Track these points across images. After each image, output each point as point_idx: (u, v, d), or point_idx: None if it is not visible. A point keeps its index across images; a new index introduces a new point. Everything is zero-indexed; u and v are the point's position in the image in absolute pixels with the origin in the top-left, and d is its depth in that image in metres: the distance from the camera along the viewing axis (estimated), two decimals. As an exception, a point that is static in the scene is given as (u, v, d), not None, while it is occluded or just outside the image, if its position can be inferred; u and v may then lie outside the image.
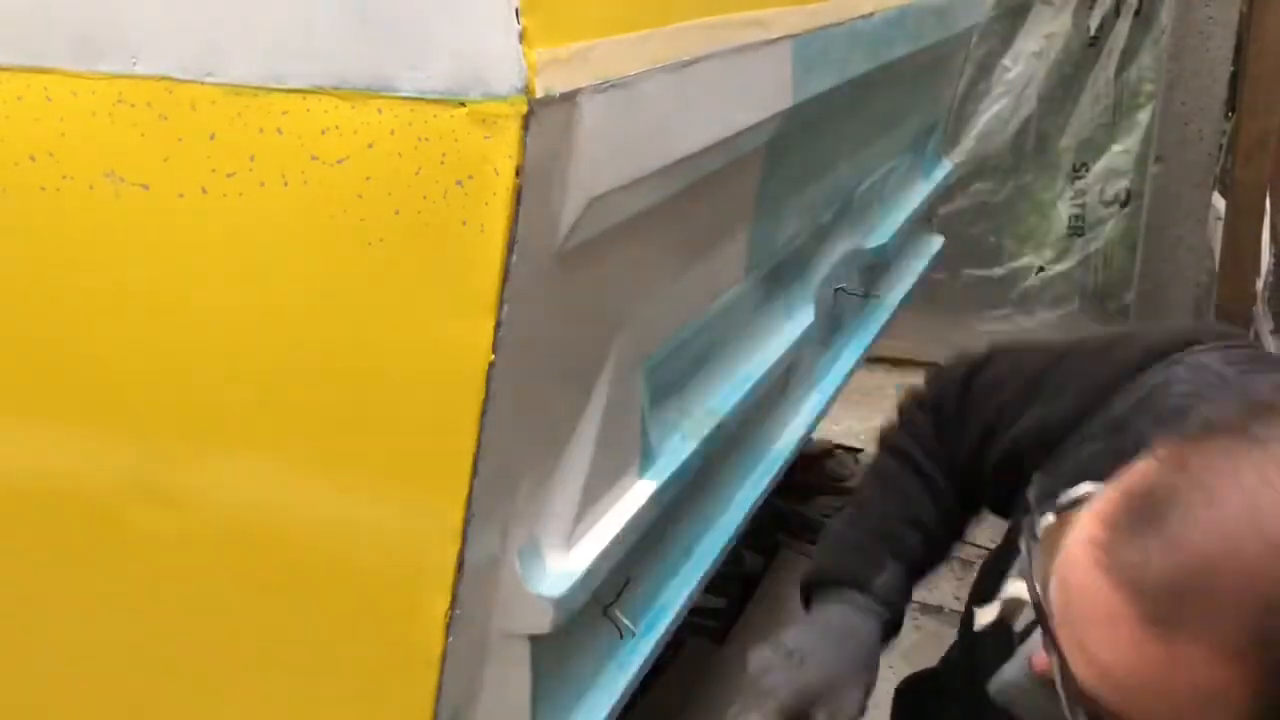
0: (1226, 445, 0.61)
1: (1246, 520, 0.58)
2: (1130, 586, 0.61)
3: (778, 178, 1.42)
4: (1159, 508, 0.61)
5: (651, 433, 1.22)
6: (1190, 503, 0.60)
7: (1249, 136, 2.84)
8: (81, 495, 0.97)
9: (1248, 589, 0.58)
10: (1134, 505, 0.62)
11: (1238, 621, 0.58)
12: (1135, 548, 0.61)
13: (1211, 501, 0.59)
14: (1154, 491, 0.62)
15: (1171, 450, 0.63)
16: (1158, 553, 0.60)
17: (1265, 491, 0.58)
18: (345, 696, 0.98)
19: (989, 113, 3.42)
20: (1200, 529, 0.59)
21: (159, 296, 0.89)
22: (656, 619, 1.27)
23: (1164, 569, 0.59)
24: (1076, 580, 0.64)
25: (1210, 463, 0.61)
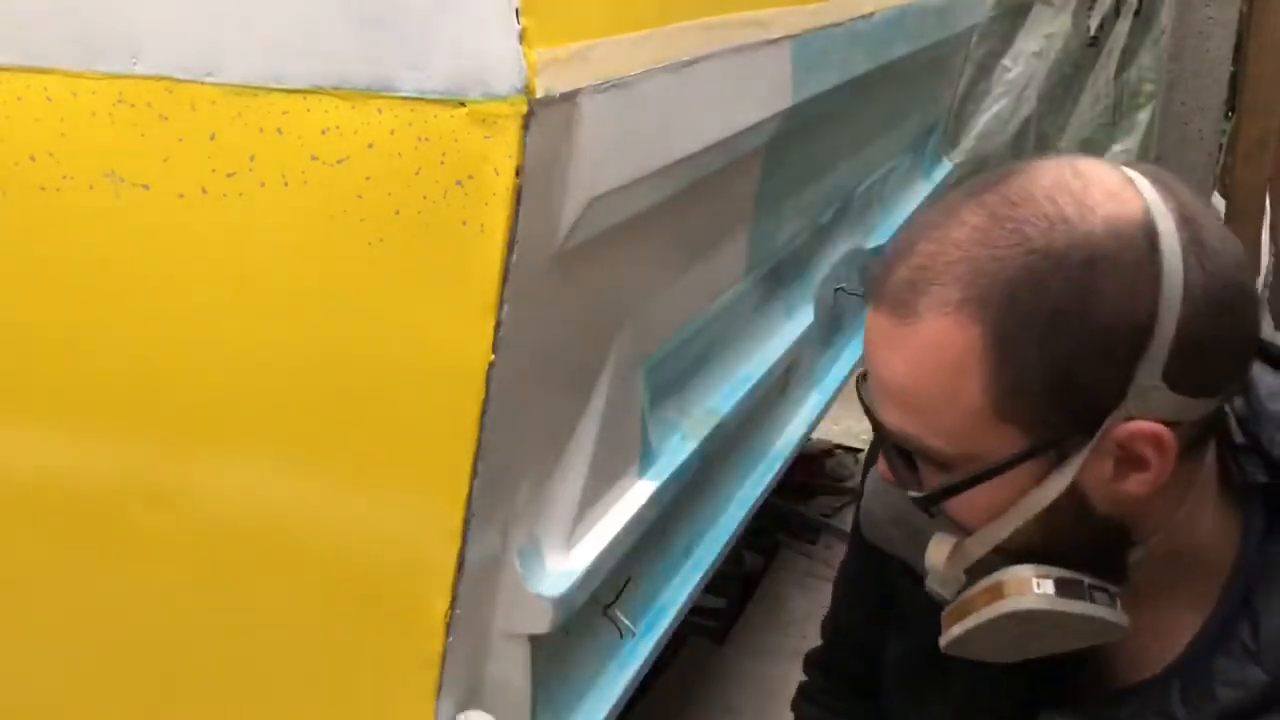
0: (944, 200, 0.76)
1: (950, 222, 0.73)
2: (884, 300, 0.74)
3: (778, 178, 1.42)
4: (901, 241, 0.75)
5: (651, 433, 1.22)
6: (918, 230, 0.74)
7: (1249, 136, 2.84)
8: (82, 495, 0.97)
9: (951, 256, 0.71)
10: (886, 255, 0.76)
11: (950, 283, 0.71)
12: (888, 272, 0.74)
13: (931, 225, 0.74)
14: (899, 240, 0.76)
15: (908, 221, 0.80)
16: (898, 269, 0.74)
17: (963, 204, 0.73)
18: (345, 696, 0.98)
19: (989, 113, 3.42)
20: (923, 239, 0.73)
21: (159, 296, 0.89)
22: (656, 619, 1.27)
23: (902, 273, 0.73)
24: (865, 335, 0.77)
25: (932, 210, 0.76)
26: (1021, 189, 0.72)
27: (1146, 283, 0.69)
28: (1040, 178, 0.73)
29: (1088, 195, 0.71)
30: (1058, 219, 0.70)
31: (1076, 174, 0.72)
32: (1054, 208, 0.70)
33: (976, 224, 0.71)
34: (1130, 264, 0.69)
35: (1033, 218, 0.70)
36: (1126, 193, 0.71)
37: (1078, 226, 0.69)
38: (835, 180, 1.78)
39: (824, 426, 2.35)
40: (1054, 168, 0.74)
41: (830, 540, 2.56)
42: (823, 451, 2.93)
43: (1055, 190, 0.71)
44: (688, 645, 2.15)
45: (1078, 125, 3.38)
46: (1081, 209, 0.70)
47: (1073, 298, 0.69)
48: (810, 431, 1.77)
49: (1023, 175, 0.73)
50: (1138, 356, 0.69)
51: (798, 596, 2.37)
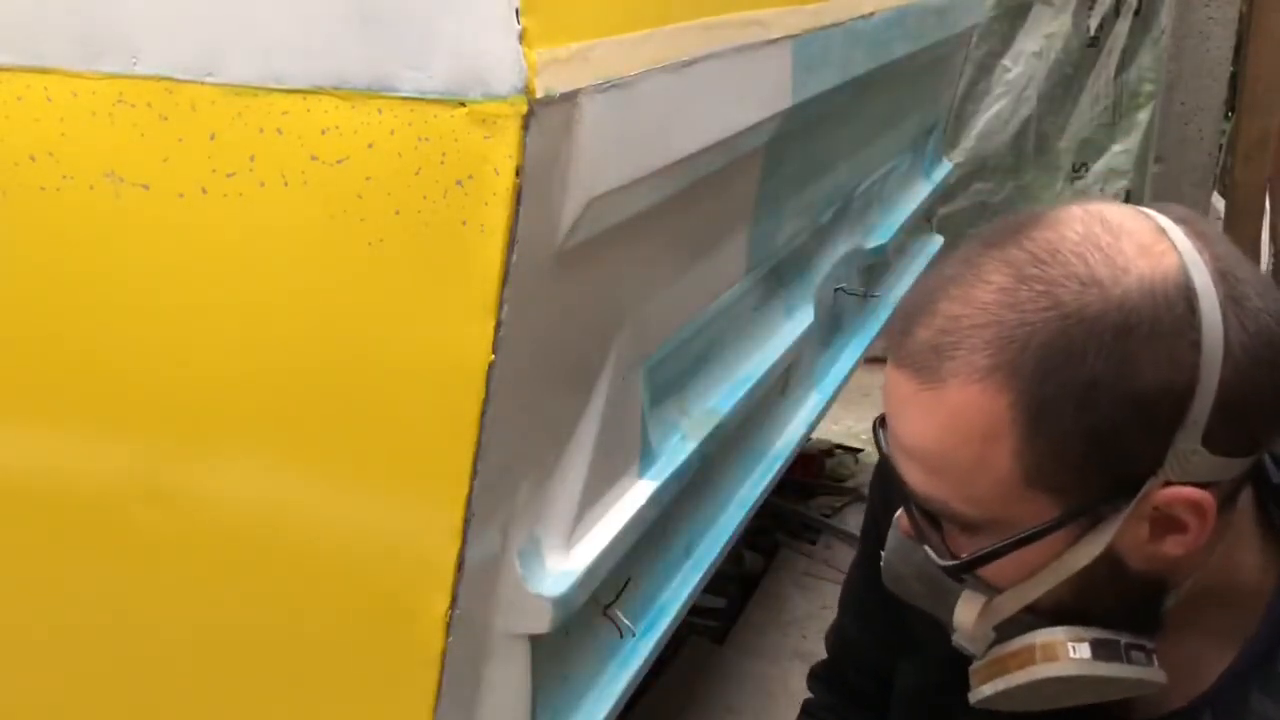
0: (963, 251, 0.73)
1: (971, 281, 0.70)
2: (906, 362, 0.72)
3: (778, 178, 1.42)
4: (921, 298, 0.73)
5: (651, 433, 1.22)
6: (940, 288, 0.71)
7: (1249, 136, 2.84)
8: (81, 495, 0.97)
9: (978, 321, 0.68)
10: (906, 310, 0.74)
11: (981, 349, 0.68)
12: (907, 333, 0.72)
13: (953, 281, 0.71)
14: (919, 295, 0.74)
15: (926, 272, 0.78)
16: (920, 330, 0.71)
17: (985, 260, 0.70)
18: (345, 696, 0.98)
19: (989, 113, 3.42)
20: (946, 300, 0.70)
21: (159, 297, 0.89)
22: (656, 619, 1.27)
23: (924, 335, 0.71)
24: (885, 390, 0.75)
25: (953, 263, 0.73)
26: (1048, 244, 0.68)
27: (1185, 348, 0.66)
28: (1067, 231, 0.69)
29: (1119, 252, 0.67)
30: (1089, 280, 0.66)
31: (1106, 227, 0.69)
32: (1084, 267, 0.67)
33: (1002, 284, 0.68)
34: (1168, 328, 0.65)
35: (1062, 278, 0.67)
36: (1160, 245, 0.68)
37: (1110, 289, 0.66)
38: (835, 180, 1.78)
39: (824, 426, 2.35)
40: (1081, 218, 0.70)
41: (830, 540, 2.56)
42: (823, 451, 2.93)
43: (1085, 246, 0.68)
44: (688, 645, 2.15)
45: (1078, 125, 3.38)
46: (1114, 268, 0.66)
47: (1109, 367, 0.65)
48: (810, 431, 1.77)
49: (1048, 227, 0.70)
50: (1177, 423, 0.66)
51: (798, 596, 2.37)
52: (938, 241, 2.66)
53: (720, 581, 2.23)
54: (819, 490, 2.78)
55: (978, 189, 3.46)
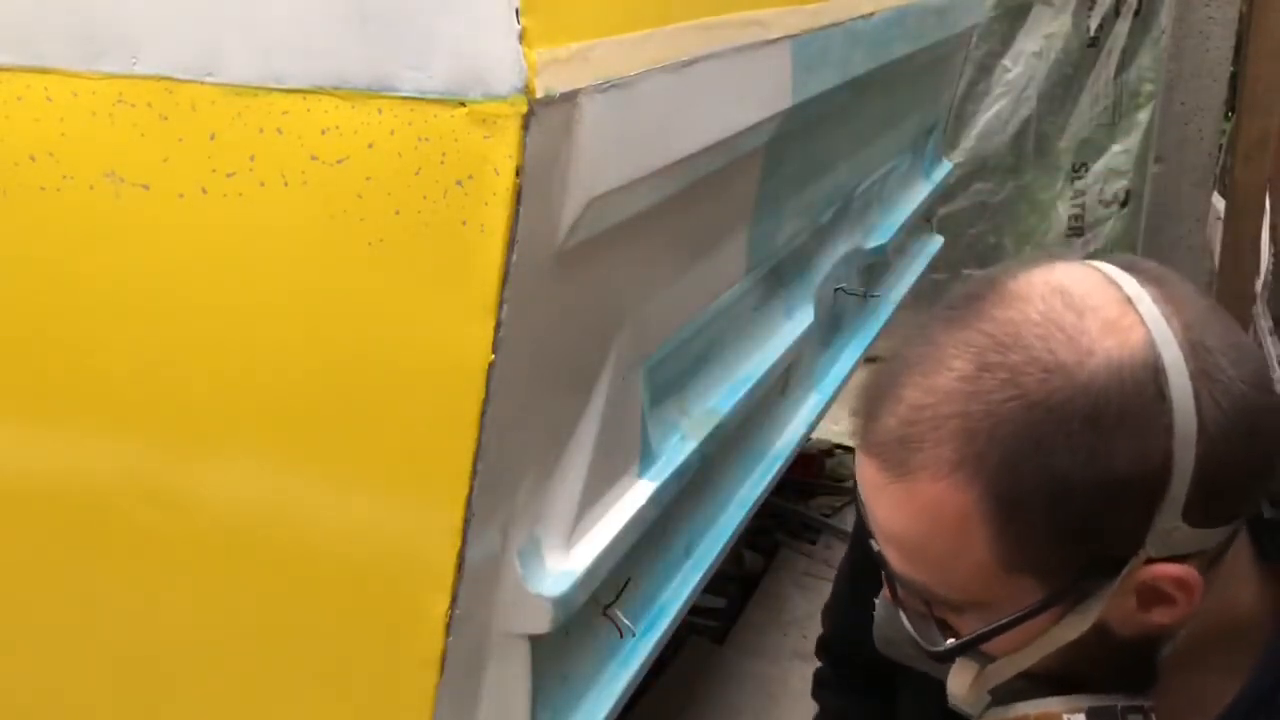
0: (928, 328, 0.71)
1: (933, 366, 0.68)
2: (874, 450, 0.70)
3: (778, 178, 1.42)
4: (885, 381, 0.71)
5: (651, 433, 1.22)
6: (902, 369, 0.70)
7: (1249, 136, 2.84)
8: (82, 495, 0.97)
9: (943, 412, 0.66)
10: (872, 389, 0.72)
11: (944, 441, 0.66)
12: (873, 419, 0.70)
13: (915, 362, 0.69)
14: (882, 371, 0.72)
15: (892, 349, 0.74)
16: (885, 418, 0.69)
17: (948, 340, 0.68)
18: (345, 696, 0.98)
19: (989, 113, 3.42)
20: (909, 385, 0.69)
21: (159, 297, 0.89)
22: (656, 619, 1.27)
23: (890, 423, 0.69)
24: (857, 473, 0.73)
25: (917, 343, 0.71)
26: (1010, 326, 0.66)
27: (1157, 431, 0.64)
28: (1029, 309, 0.66)
29: (1083, 332, 0.65)
30: (1053, 365, 0.64)
31: (1069, 303, 0.66)
32: (1047, 352, 0.65)
33: (964, 371, 0.66)
34: (1137, 413, 0.63)
35: (1025, 364, 0.65)
36: (1126, 319, 0.65)
37: (1076, 374, 0.64)
38: (835, 180, 1.78)
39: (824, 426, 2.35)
40: (1043, 293, 0.67)
41: (830, 540, 2.56)
42: (823, 451, 2.93)
43: (1047, 327, 0.65)
44: (688, 645, 2.15)
45: (1078, 125, 3.38)
46: (1078, 351, 0.64)
47: (1078, 456, 0.64)
48: (810, 431, 1.77)
49: (1009, 304, 0.67)
50: (1154, 506, 0.65)
51: (798, 596, 2.37)
52: (938, 241, 2.66)
53: (720, 581, 2.23)
54: (819, 490, 2.78)
55: (978, 189, 3.46)
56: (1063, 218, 3.44)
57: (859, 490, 0.74)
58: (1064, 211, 3.43)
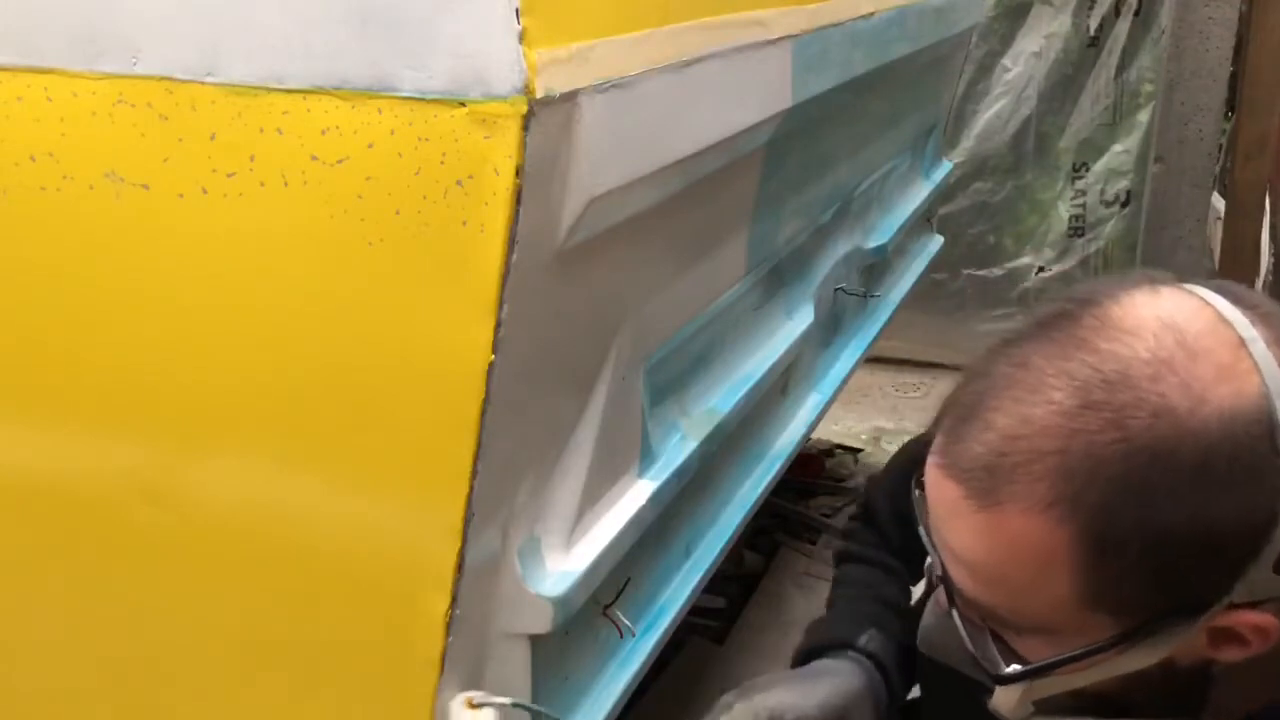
0: (1020, 346, 0.68)
1: (1030, 393, 0.65)
2: (958, 474, 0.67)
3: (778, 178, 1.42)
4: (972, 405, 0.68)
5: (651, 433, 1.22)
6: (994, 390, 0.67)
7: (1249, 136, 2.84)
8: (81, 494, 0.97)
9: (1041, 447, 0.64)
10: (957, 412, 0.69)
11: (1040, 477, 0.64)
12: (959, 442, 0.68)
13: (1008, 386, 0.66)
14: (969, 394, 0.69)
15: (980, 362, 0.71)
16: (973, 441, 0.67)
17: (1048, 366, 0.65)
18: (345, 696, 0.98)
19: (989, 113, 3.42)
20: (1002, 410, 0.66)
21: (159, 297, 0.89)
22: (656, 619, 1.27)
23: (979, 448, 0.66)
24: (929, 489, 0.71)
25: (1009, 362, 0.68)
26: (1117, 362, 0.63)
27: (1267, 488, 0.62)
28: (1139, 345, 0.63)
29: (1196, 378, 0.62)
30: (1163, 410, 0.61)
31: (1182, 344, 0.63)
32: (1157, 395, 0.62)
33: (1065, 405, 0.63)
34: (1248, 468, 0.61)
35: (1133, 406, 0.62)
36: (1241, 364, 0.63)
37: (1186, 421, 0.61)
38: (835, 180, 1.78)
39: (824, 426, 2.35)
40: (1155, 330, 0.63)
41: (830, 540, 2.56)
42: (823, 451, 2.93)
43: (1158, 367, 0.62)
44: (688, 645, 2.15)
45: (1078, 125, 3.37)
46: (1190, 397, 0.61)
47: (1180, 509, 0.61)
48: (810, 431, 1.77)
49: (1116, 337, 0.64)
50: (1251, 559, 0.63)
51: (798, 596, 2.36)
52: (938, 241, 2.66)
53: (720, 581, 2.23)
54: (819, 490, 2.78)
55: (978, 189, 3.46)
56: (1063, 218, 3.43)
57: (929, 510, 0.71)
58: (1064, 211, 3.43)
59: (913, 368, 3.51)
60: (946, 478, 0.68)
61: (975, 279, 3.51)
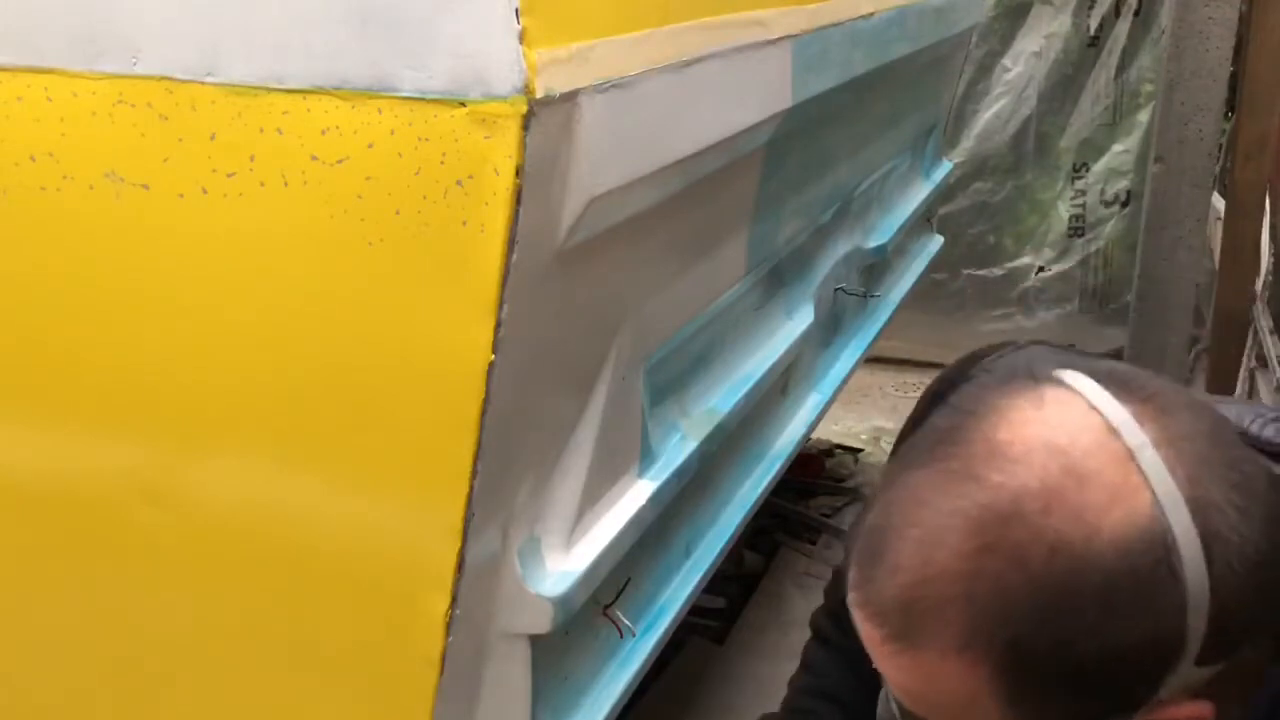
0: (917, 473, 0.68)
1: (931, 535, 0.65)
2: (875, 617, 0.67)
3: (778, 178, 1.42)
4: (879, 541, 0.68)
5: (651, 433, 1.22)
6: (896, 528, 0.67)
7: (1249, 136, 2.84)
8: (81, 494, 0.97)
9: (947, 592, 0.64)
10: (866, 545, 0.69)
11: (953, 621, 0.64)
12: (871, 582, 0.68)
13: (908, 524, 0.66)
14: (875, 528, 0.69)
15: (885, 486, 0.71)
16: (884, 581, 0.66)
17: (943, 503, 0.65)
18: (345, 696, 0.98)
19: (989, 113, 3.42)
20: (905, 551, 0.66)
21: (159, 297, 0.89)
22: (656, 619, 1.27)
23: (890, 592, 0.66)
24: (856, 624, 0.70)
25: (907, 491, 0.68)
26: (1006, 494, 0.63)
27: (1170, 608, 0.62)
28: (1025, 473, 0.63)
29: (1087, 504, 0.62)
30: (1059, 544, 0.62)
31: (1067, 466, 0.63)
32: (1052, 531, 0.62)
33: (964, 548, 0.63)
34: (1149, 592, 0.62)
35: (1029, 542, 0.62)
36: (1130, 480, 0.63)
37: (1083, 554, 0.62)
38: (835, 180, 1.78)
39: (824, 426, 2.35)
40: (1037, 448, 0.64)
41: (830, 540, 2.56)
42: (823, 451, 2.93)
43: (1049, 499, 0.62)
44: (688, 645, 2.15)
45: (1078, 125, 3.37)
46: (1084, 527, 0.62)
47: (1089, 637, 0.62)
48: (810, 431, 1.77)
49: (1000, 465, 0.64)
50: (1167, 668, 0.64)
51: (798, 596, 2.36)
52: (938, 241, 2.66)
53: (720, 581, 2.23)
54: (819, 490, 2.78)
55: (978, 189, 3.46)
56: (1063, 218, 3.43)
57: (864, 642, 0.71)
58: (1064, 211, 3.43)
59: (913, 368, 3.51)
60: (865, 619, 0.69)
61: (975, 279, 3.51)
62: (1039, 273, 3.47)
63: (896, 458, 0.72)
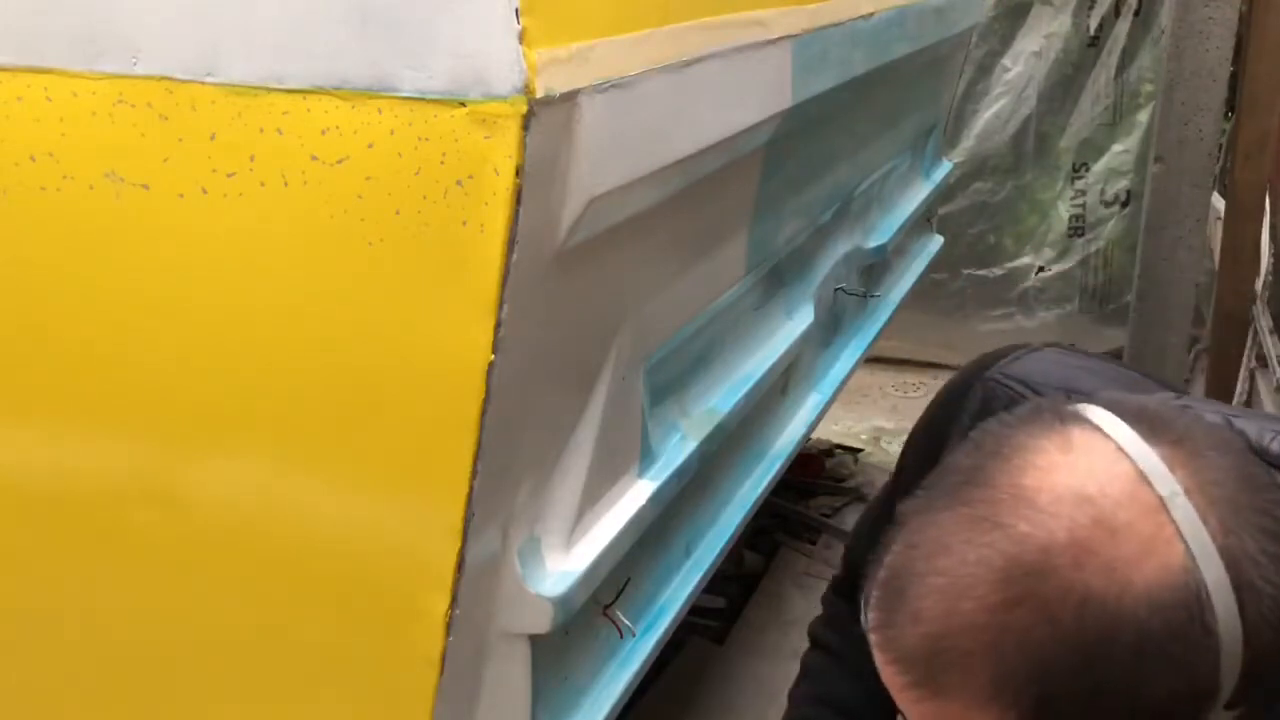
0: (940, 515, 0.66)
1: (955, 585, 0.63)
2: (897, 661, 0.66)
3: (778, 178, 1.42)
4: (900, 584, 0.66)
5: (651, 433, 1.22)
6: (919, 574, 0.65)
7: (1249, 136, 2.84)
8: (81, 495, 0.97)
9: (972, 644, 0.62)
10: (885, 587, 0.68)
11: (979, 673, 0.62)
12: (892, 626, 0.66)
13: (932, 570, 0.64)
14: (896, 569, 0.67)
15: (905, 525, 0.69)
16: (905, 626, 0.65)
17: (968, 551, 0.63)
18: (345, 696, 0.98)
19: (989, 113, 3.42)
20: (929, 598, 0.64)
21: (159, 297, 0.89)
22: (656, 619, 1.27)
23: (912, 639, 0.65)
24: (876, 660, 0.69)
25: (930, 534, 0.66)
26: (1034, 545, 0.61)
27: (1203, 663, 0.61)
28: (1054, 524, 0.61)
29: (1119, 557, 0.60)
30: (1089, 597, 0.60)
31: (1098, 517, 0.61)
32: (1082, 585, 0.60)
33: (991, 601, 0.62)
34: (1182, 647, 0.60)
35: (1058, 596, 0.60)
36: (1163, 533, 0.61)
37: (1114, 609, 0.60)
38: (835, 180, 1.78)
39: (824, 426, 2.35)
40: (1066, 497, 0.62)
41: (830, 540, 2.56)
42: (823, 451, 2.93)
43: (1078, 553, 0.61)
44: (688, 645, 2.15)
45: (1078, 125, 3.38)
46: (1116, 582, 0.60)
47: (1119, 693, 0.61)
48: (810, 431, 1.77)
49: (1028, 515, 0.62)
50: (1198, 716, 0.62)
51: (798, 596, 2.36)
52: (938, 241, 2.66)
53: (720, 581, 2.23)
54: (819, 490, 2.78)
55: (978, 189, 3.46)
56: (1063, 218, 3.44)
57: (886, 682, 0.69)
58: (1064, 211, 3.43)
59: (913, 368, 3.51)
60: (887, 663, 0.67)
61: (975, 279, 3.51)
62: (1039, 273, 3.47)
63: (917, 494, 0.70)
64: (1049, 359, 0.97)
